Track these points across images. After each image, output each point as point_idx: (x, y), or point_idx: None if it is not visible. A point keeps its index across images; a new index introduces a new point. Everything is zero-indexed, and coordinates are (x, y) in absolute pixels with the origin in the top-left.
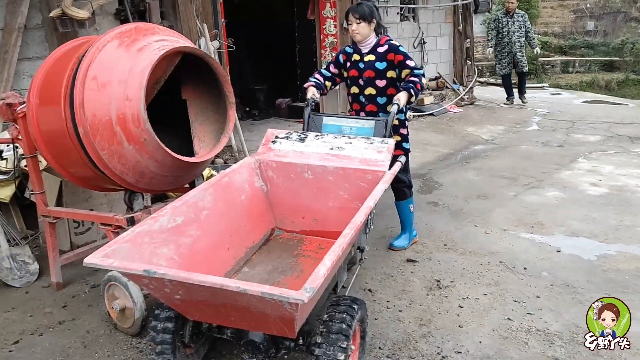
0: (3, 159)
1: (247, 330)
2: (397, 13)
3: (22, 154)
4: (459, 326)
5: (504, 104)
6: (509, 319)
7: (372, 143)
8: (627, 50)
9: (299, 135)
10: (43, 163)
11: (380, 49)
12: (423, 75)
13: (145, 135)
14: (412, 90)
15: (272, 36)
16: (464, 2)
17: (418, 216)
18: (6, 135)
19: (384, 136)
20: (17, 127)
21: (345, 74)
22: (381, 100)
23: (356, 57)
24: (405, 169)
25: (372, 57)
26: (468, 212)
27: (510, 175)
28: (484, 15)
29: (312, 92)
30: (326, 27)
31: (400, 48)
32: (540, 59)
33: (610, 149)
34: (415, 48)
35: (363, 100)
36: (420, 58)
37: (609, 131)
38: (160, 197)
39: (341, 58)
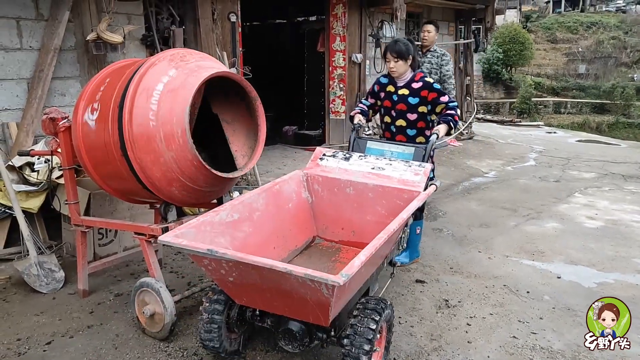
0: (34, 171)
1: (286, 318)
2: None
3: (57, 166)
4: (468, 342)
5: None
6: (514, 337)
7: (410, 166)
8: (617, 94)
9: (345, 155)
10: None
11: (415, 85)
12: (457, 106)
13: (187, 151)
14: (451, 123)
15: (280, 66)
16: (466, 41)
17: (424, 241)
18: (40, 147)
19: (422, 161)
20: (57, 140)
21: (379, 103)
22: (411, 132)
23: (391, 88)
24: None
25: (406, 92)
26: (472, 238)
27: (511, 207)
28: (479, 55)
29: (358, 119)
30: (335, 60)
31: (434, 85)
32: (533, 99)
33: (604, 185)
34: None
35: (394, 130)
36: None
37: (603, 169)
38: (178, 213)
39: (376, 88)
